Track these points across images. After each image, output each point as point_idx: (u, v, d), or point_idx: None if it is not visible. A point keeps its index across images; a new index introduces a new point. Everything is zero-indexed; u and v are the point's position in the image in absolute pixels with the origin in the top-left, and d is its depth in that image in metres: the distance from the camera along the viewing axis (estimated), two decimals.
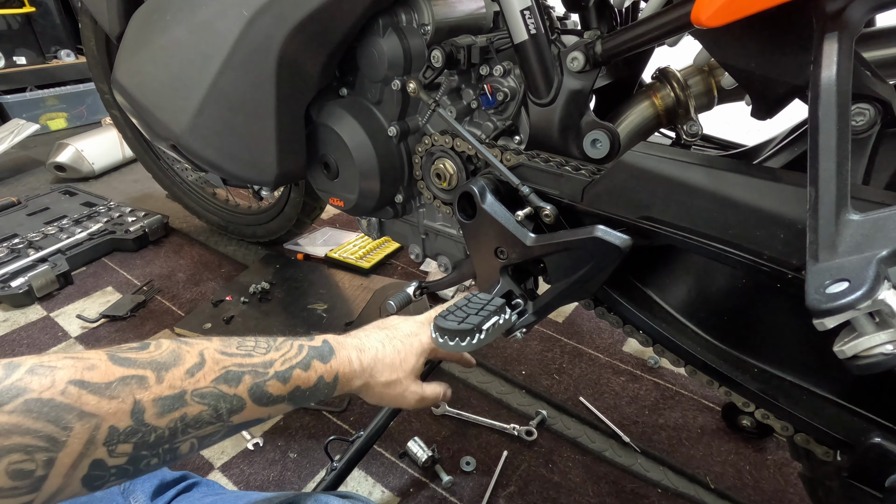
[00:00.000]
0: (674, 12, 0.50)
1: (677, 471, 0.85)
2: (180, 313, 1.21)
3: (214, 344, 0.41)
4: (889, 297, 0.33)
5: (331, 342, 0.51)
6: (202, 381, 0.38)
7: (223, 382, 0.39)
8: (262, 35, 0.66)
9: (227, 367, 0.40)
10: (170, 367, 0.37)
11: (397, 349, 0.56)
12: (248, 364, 0.42)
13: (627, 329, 0.63)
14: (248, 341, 0.44)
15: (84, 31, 1.24)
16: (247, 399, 0.41)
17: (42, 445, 0.29)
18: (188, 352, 0.39)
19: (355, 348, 0.53)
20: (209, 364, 0.39)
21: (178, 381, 0.37)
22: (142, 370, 0.35)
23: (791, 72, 0.46)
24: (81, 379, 0.32)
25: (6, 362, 0.31)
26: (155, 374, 0.35)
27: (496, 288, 0.64)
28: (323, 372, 0.48)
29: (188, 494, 0.67)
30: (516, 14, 0.59)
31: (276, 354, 0.44)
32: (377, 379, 0.54)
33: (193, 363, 0.38)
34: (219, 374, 0.39)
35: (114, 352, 0.36)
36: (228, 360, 0.40)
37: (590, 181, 0.55)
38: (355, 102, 0.76)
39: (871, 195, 0.42)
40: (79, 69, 2.47)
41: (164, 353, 0.38)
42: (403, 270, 1.38)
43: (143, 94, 0.80)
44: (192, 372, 0.38)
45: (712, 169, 0.48)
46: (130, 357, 0.35)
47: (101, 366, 0.33)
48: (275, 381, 0.43)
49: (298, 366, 0.45)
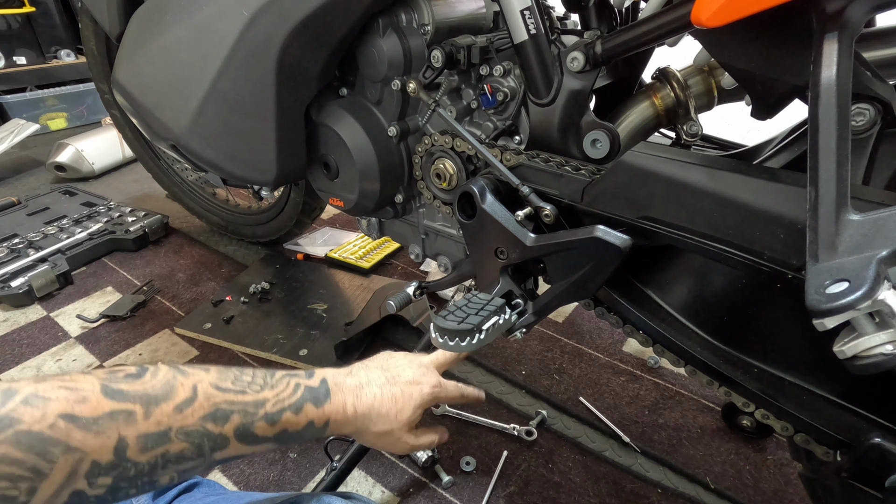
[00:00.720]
0: (674, 12, 0.50)
1: (677, 471, 0.85)
2: (180, 313, 1.21)
3: (211, 376, 0.41)
4: (889, 298, 0.33)
5: (329, 383, 0.50)
6: (189, 418, 0.38)
7: (210, 420, 0.39)
8: (262, 35, 0.66)
9: (216, 405, 0.40)
10: (160, 402, 0.37)
11: (395, 398, 0.54)
12: (238, 402, 0.41)
13: (627, 329, 0.63)
14: (245, 375, 0.44)
15: (84, 31, 1.24)
16: (231, 438, 0.40)
17: (26, 475, 0.30)
18: (182, 384, 0.39)
19: (352, 392, 0.52)
20: (200, 400, 0.39)
21: (166, 417, 0.37)
22: (131, 404, 0.35)
23: (791, 72, 0.46)
24: (71, 413, 0.32)
25: (5, 388, 0.32)
26: (143, 409, 0.36)
27: (496, 288, 0.64)
28: (314, 417, 0.47)
29: (189, 494, 0.67)
30: (516, 14, 0.58)
31: (270, 394, 0.44)
32: (370, 428, 0.53)
33: (184, 398, 0.38)
34: (208, 411, 0.39)
35: (108, 381, 0.36)
36: (220, 397, 0.40)
37: (590, 181, 0.55)
38: (355, 102, 0.76)
39: (871, 195, 0.42)
40: (79, 69, 2.48)
41: (158, 384, 0.37)
42: (403, 270, 1.38)
43: (143, 94, 0.80)
44: (181, 408, 0.37)
45: (712, 169, 0.48)
46: (122, 389, 0.36)
47: (92, 399, 0.34)
48: (263, 422, 0.42)
49: (290, 409, 0.45)
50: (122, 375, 0.37)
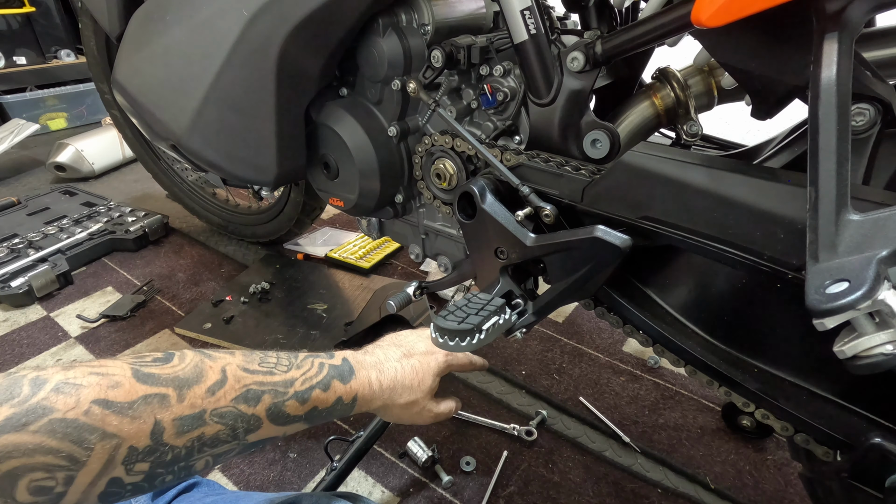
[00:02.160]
0: (674, 12, 0.50)
1: (677, 471, 0.85)
2: (180, 313, 1.21)
3: (237, 359, 0.41)
4: (889, 298, 0.33)
5: (351, 361, 0.51)
6: (222, 399, 0.38)
7: (243, 402, 0.39)
8: (262, 35, 0.66)
9: (247, 386, 0.40)
10: (192, 385, 0.36)
11: (415, 369, 0.56)
12: (268, 382, 0.41)
13: (627, 329, 0.63)
14: (269, 357, 0.44)
15: (84, 31, 1.24)
16: (264, 418, 0.40)
17: (63, 464, 0.30)
18: (211, 367, 0.39)
19: (374, 368, 0.52)
20: (230, 382, 0.39)
21: (199, 399, 0.36)
22: (164, 388, 0.35)
23: (791, 72, 0.46)
24: (105, 398, 0.32)
25: (33, 377, 0.31)
26: (177, 392, 0.35)
27: (496, 288, 0.64)
28: (342, 393, 0.47)
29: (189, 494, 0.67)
30: (516, 14, 0.58)
31: (297, 373, 0.44)
32: (396, 401, 0.54)
33: (215, 380, 0.38)
34: (239, 392, 0.39)
35: (138, 366, 0.35)
36: (249, 378, 0.40)
37: (590, 181, 0.55)
38: (355, 102, 0.76)
39: (871, 195, 0.42)
40: (79, 69, 2.48)
41: (188, 368, 0.37)
42: (403, 270, 1.38)
43: (143, 94, 0.80)
44: (213, 390, 0.37)
45: (712, 169, 0.48)
46: (154, 373, 0.35)
47: (125, 383, 0.33)
48: (293, 401, 0.43)
49: (318, 385, 0.45)
50: (150, 360, 0.36)
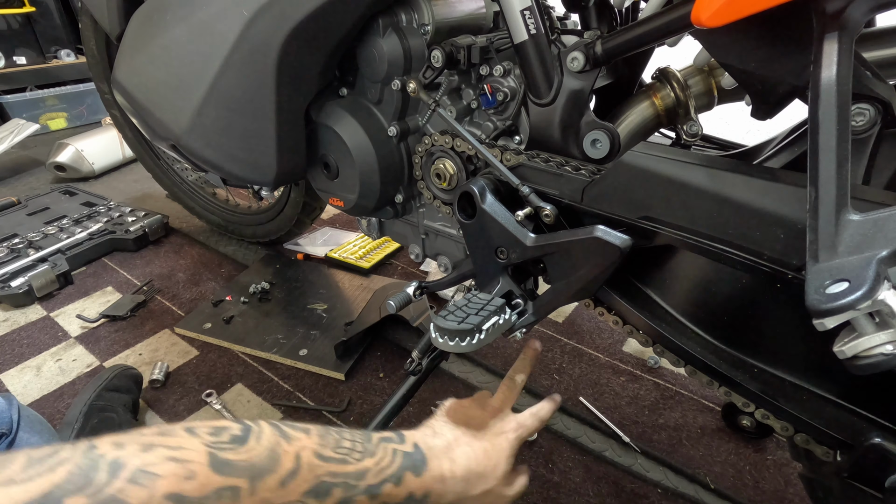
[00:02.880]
0: (674, 12, 0.50)
1: (677, 471, 0.85)
2: (180, 313, 1.21)
3: (313, 441, 0.39)
4: (889, 298, 0.33)
5: (422, 447, 0.47)
6: (293, 493, 0.36)
7: (313, 497, 0.37)
8: (261, 35, 0.66)
9: (319, 478, 0.38)
10: (265, 476, 0.35)
11: (488, 453, 0.51)
12: (341, 474, 0.39)
13: (627, 329, 0.63)
14: (344, 440, 0.41)
15: (84, 31, 1.24)
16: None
17: None
18: (286, 452, 0.37)
19: (446, 455, 0.48)
20: (303, 472, 0.37)
21: (269, 493, 0.35)
22: (237, 480, 0.34)
23: (791, 72, 0.46)
24: (179, 493, 0.31)
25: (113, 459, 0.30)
26: (249, 484, 0.34)
27: (496, 288, 0.64)
28: (414, 488, 0.44)
29: None
30: (516, 14, 0.58)
31: (371, 462, 0.41)
32: (469, 492, 0.50)
33: (288, 470, 0.36)
34: (311, 485, 0.37)
35: (216, 449, 0.34)
36: (322, 468, 0.38)
37: (590, 181, 0.55)
38: (355, 102, 0.76)
39: (871, 195, 0.42)
40: (79, 69, 2.48)
41: (263, 452, 0.36)
42: (403, 270, 1.38)
43: (143, 94, 0.80)
44: (285, 482, 0.36)
45: (712, 169, 0.48)
46: (230, 460, 0.34)
47: (200, 474, 0.32)
48: (364, 497, 0.40)
49: (390, 480, 0.42)
50: (227, 439, 0.35)
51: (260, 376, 1.03)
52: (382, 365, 1.06)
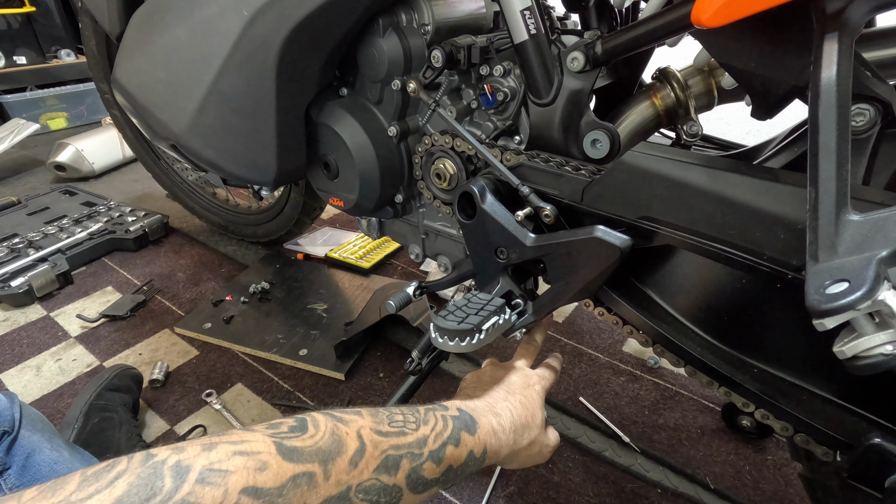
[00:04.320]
0: (674, 12, 0.50)
1: (677, 471, 0.85)
2: (180, 313, 1.21)
3: (367, 421, 0.39)
4: (889, 298, 0.33)
5: (466, 409, 0.47)
6: (364, 472, 0.35)
7: (384, 472, 0.37)
8: (262, 35, 0.66)
9: (385, 452, 0.37)
10: (334, 458, 0.34)
11: (524, 405, 0.52)
12: (404, 445, 0.39)
13: (627, 329, 0.63)
14: (395, 415, 0.41)
15: (84, 30, 1.24)
16: (404, 488, 0.38)
17: None
18: (347, 434, 0.36)
19: (490, 412, 0.49)
20: (369, 450, 0.36)
21: (344, 474, 0.34)
22: (310, 465, 0.33)
23: (791, 72, 0.46)
24: (255, 486, 0.30)
25: (174, 463, 0.28)
26: (322, 468, 0.33)
27: (496, 288, 0.64)
28: (472, 446, 0.44)
29: None
30: (516, 14, 0.58)
31: (427, 430, 0.41)
32: (520, 443, 0.50)
33: (355, 449, 0.36)
34: (379, 461, 0.37)
35: (280, 439, 0.33)
36: (385, 443, 0.38)
37: (590, 181, 0.55)
38: (355, 102, 0.76)
39: (871, 195, 0.42)
40: (79, 69, 2.48)
41: (326, 438, 0.35)
42: (403, 270, 1.38)
43: (143, 94, 0.80)
44: (354, 462, 0.35)
45: (712, 169, 0.48)
46: (298, 447, 0.33)
47: (272, 464, 0.31)
48: (430, 462, 0.40)
49: (450, 441, 0.42)
50: (286, 430, 0.34)
51: (260, 376, 1.03)
52: (382, 365, 1.06)
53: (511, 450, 0.50)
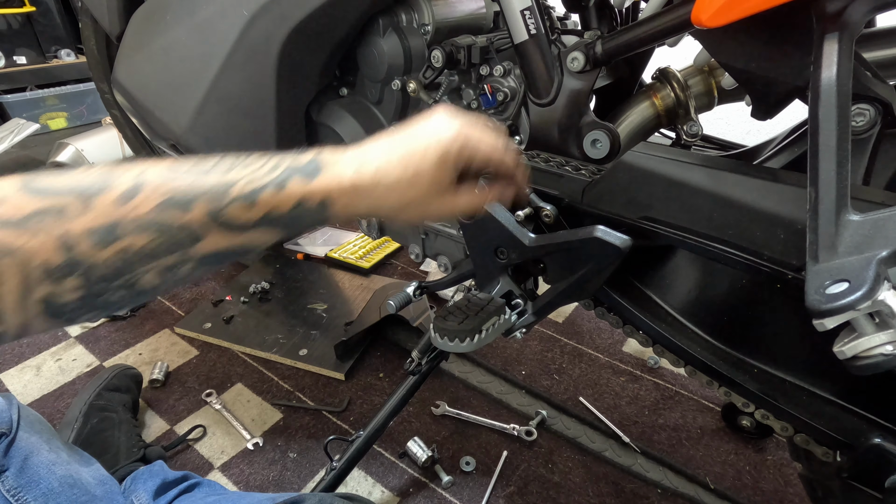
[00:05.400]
0: (674, 12, 0.50)
1: (677, 471, 0.85)
2: (180, 313, 1.21)
3: (160, 166, 0.35)
4: (889, 298, 0.33)
5: (321, 159, 0.41)
6: (140, 208, 0.33)
7: (169, 208, 0.34)
8: (262, 35, 0.66)
9: (171, 191, 0.34)
10: (97, 194, 0.32)
11: (404, 160, 0.42)
12: (198, 186, 0.35)
13: (627, 329, 0.63)
14: (209, 160, 0.38)
15: (84, 30, 1.24)
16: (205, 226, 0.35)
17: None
18: (121, 176, 0.34)
19: (352, 164, 0.41)
20: (147, 190, 0.34)
21: (111, 208, 0.32)
22: (60, 199, 0.31)
23: (791, 72, 0.46)
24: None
25: None
26: (79, 202, 0.32)
27: (496, 288, 0.64)
28: (303, 194, 0.39)
29: (190, 495, 0.67)
30: (516, 14, 0.58)
31: (241, 173, 0.37)
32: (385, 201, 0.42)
33: (126, 188, 0.33)
34: (161, 198, 0.34)
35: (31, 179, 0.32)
36: (171, 184, 0.35)
37: (590, 181, 0.55)
38: (355, 102, 0.76)
39: (871, 195, 0.42)
40: (79, 69, 2.47)
41: (91, 177, 0.33)
42: (403, 270, 1.38)
43: (144, 94, 0.80)
44: (125, 198, 0.33)
45: (712, 169, 0.48)
46: (48, 184, 0.32)
47: (11, 198, 0.30)
48: (237, 205, 0.36)
49: (269, 186, 0.37)
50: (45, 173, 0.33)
51: (260, 376, 1.03)
52: (382, 365, 1.06)
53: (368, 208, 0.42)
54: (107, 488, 0.61)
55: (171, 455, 0.87)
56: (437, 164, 0.43)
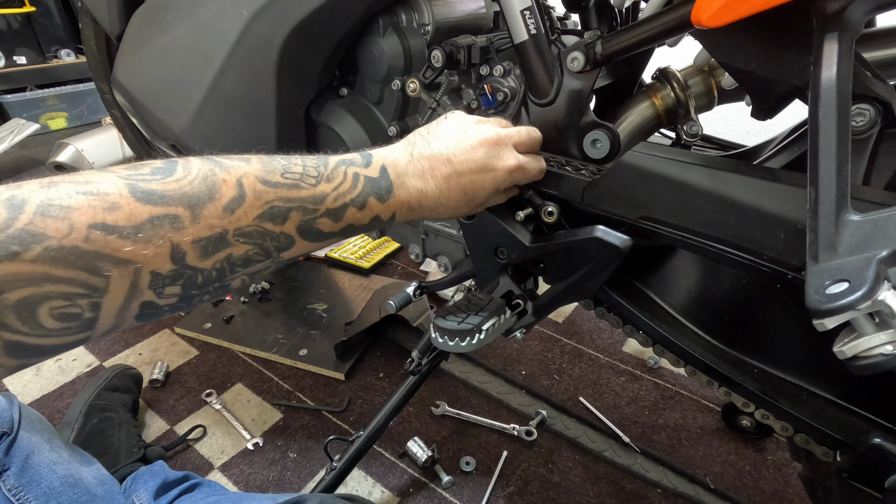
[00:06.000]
0: (674, 12, 0.50)
1: (677, 471, 0.85)
2: (180, 313, 1.21)
3: (254, 169, 0.35)
4: (889, 298, 0.33)
5: (391, 174, 0.43)
6: (244, 219, 0.33)
7: (268, 220, 0.35)
8: (262, 34, 0.66)
9: (270, 203, 0.35)
10: (204, 203, 0.32)
11: (464, 190, 0.47)
12: (294, 198, 0.36)
13: (627, 329, 0.63)
14: (294, 166, 0.38)
15: (84, 30, 1.24)
16: (295, 236, 0.37)
17: (81, 292, 0.27)
18: (224, 181, 0.33)
19: (416, 186, 0.45)
20: (250, 198, 0.34)
21: (217, 220, 0.32)
22: (172, 208, 0.30)
23: (791, 72, 0.46)
24: (104, 222, 0.28)
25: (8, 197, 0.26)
26: (189, 212, 0.31)
27: (496, 288, 0.64)
28: (379, 212, 0.42)
29: (190, 495, 0.67)
30: (516, 14, 0.58)
31: (328, 187, 0.39)
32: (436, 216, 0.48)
33: (231, 197, 0.33)
34: (262, 210, 0.34)
35: (136, 181, 0.30)
36: (272, 194, 0.35)
37: (590, 181, 0.55)
38: (355, 102, 0.76)
39: (871, 195, 0.42)
40: (79, 69, 2.47)
41: (196, 182, 0.32)
42: (403, 270, 1.38)
43: (144, 94, 0.80)
44: (231, 208, 0.33)
45: (712, 169, 0.48)
46: (156, 190, 0.30)
47: (123, 205, 0.29)
48: (326, 219, 0.38)
49: (352, 204, 0.40)
50: (147, 171, 0.31)
51: (260, 376, 1.03)
52: (382, 365, 1.06)
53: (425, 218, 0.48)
54: (107, 488, 0.61)
55: (171, 455, 0.87)
56: (492, 194, 0.50)
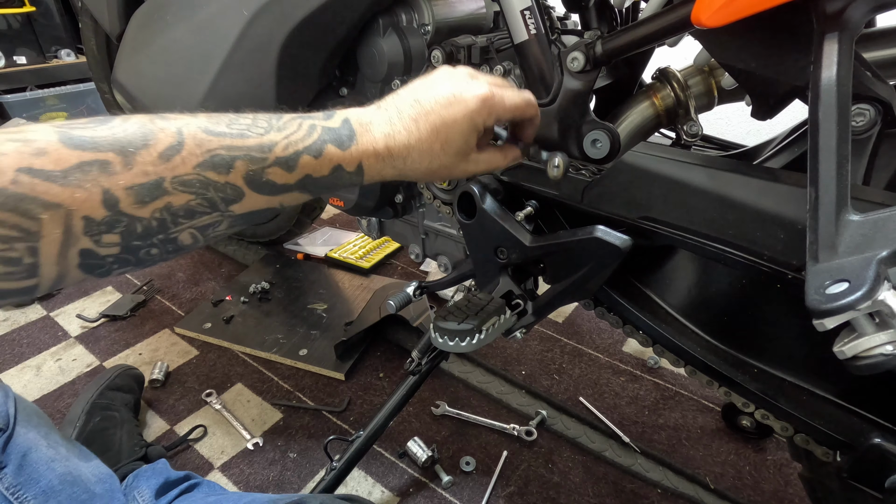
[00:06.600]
0: (674, 12, 0.50)
1: (677, 471, 0.85)
2: (180, 313, 1.21)
3: (198, 121, 0.35)
4: (889, 298, 0.33)
5: (353, 123, 0.42)
6: (181, 167, 0.33)
7: (210, 169, 0.34)
8: (262, 35, 0.66)
9: (211, 151, 0.34)
10: (138, 149, 0.31)
11: (435, 129, 0.43)
12: (239, 147, 0.35)
13: (627, 329, 0.63)
14: (243, 118, 0.37)
15: (84, 30, 1.24)
16: (243, 187, 0.36)
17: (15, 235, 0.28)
18: (162, 129, 0.33)
19: (383, 131, 0.42)
20: (189, 146, 0.33)
21: (151, 166, 0.32)
22: (102, 153, 0.30)
23: (791, 72, 0.46)
24: (30, 166, 0.28)
25: None
26: (121, 157, 0.31)
27: (496, 288, 0.64)
28: (340, 160, 0.40)
29: (190, 495, 0.67)
30: (516, 14, 0.58)
31: (278, 136, 0.37)
32: (414, 168, 0.44)
33: (169, 144, 0.32)
34: (202, 158, 0.34)
35: (67, 129, 0.30)
36: (215, 142, 0.34)
37: (590, 181, 0.55)
38: (355, 102, 0.76)
39: (871, 195, 0.42)
40: (79, 69, 2.47)
41: (130, 129, 0.32)
42: (403, 270, 1.38)
43: (144, 94, 0.80)
44: (167, 156, 0.32)
45: (712, 169, 0.48)
46: (86, 136, 0.30)
47: (51, 150, 0.29)
48: (277, 168, 0.37)
49: (305, 151, 0.38)
50: (83, 122, 0.32)
51: (260, 376, 1.03)
52: (382, 365, 1.06)
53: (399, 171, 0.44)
54: (107, 486, 0.61)
55: (172, 455, 0.87)
56: (468, 131, 0.45)
